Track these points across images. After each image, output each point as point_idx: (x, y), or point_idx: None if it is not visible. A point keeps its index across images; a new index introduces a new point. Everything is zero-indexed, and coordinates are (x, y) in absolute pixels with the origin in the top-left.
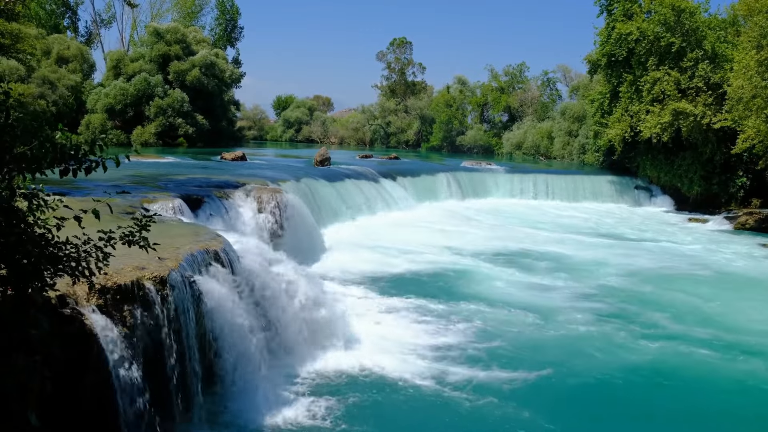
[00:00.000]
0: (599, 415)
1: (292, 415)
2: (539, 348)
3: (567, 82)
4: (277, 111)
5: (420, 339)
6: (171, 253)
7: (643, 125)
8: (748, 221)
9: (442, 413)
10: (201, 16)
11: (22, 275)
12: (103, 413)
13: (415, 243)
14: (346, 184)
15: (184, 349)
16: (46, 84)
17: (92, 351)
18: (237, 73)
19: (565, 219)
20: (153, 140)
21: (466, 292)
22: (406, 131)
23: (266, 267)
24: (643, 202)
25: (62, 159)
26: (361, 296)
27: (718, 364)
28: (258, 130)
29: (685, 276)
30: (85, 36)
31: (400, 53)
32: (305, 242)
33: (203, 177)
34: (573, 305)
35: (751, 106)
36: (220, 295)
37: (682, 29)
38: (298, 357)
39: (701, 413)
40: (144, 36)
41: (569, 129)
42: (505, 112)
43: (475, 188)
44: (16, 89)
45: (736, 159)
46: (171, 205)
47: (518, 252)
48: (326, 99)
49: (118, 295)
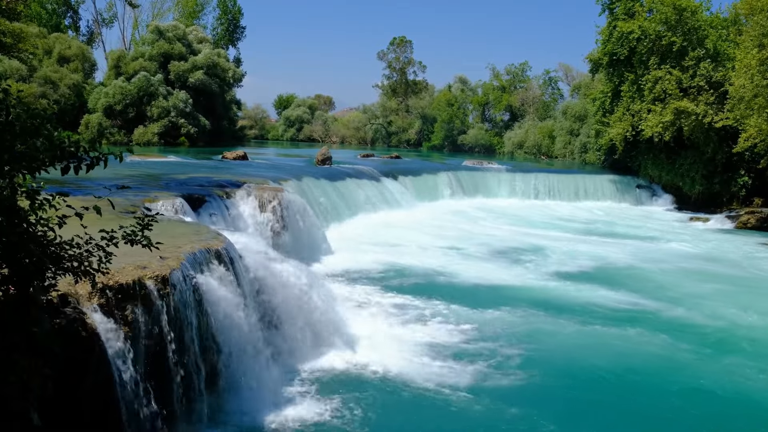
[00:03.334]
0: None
1: (294, 414)
2: (540, 346)
3: (568, 81)
4: (279, 110)
5: (422, 338)
6: (172, 252)
7: (645, 124)
8: (749, 220)
9: (443, 413)
10: (202, 15)
11: (23, 274)
12: (105, 412)
13: (417, 242)
14: (348, 184)
15: (186, 348)
16: (48, 83)
17: (94, 350)
18: (239, 72)
19: (567, 218)
20: (155, 140)
21: (469, 291)
22: (408, 130)
23: (268, 266)
24: (645, 201)
25: (63, 157)
26: (363, 295)
27: (718, 363)
28: (259, 129)
29: (685, 275)
30: (87, 35)
31: (400, 52)
32: (307, 241)
33: (205, 176)
34: (574, 305)
35: (753, 105)
36: (221, 295)
37: (684, 28)
38: (299, 356)
39: (701, 411)
40: (145, 35)
41: (571, 128)
42: (506, 112)
43: (476, 188)
44: (15, 87)
45: (737, 158)
46: (173, 204)
47: (518, 252)
48: (327, 98)
49: (119, 295)
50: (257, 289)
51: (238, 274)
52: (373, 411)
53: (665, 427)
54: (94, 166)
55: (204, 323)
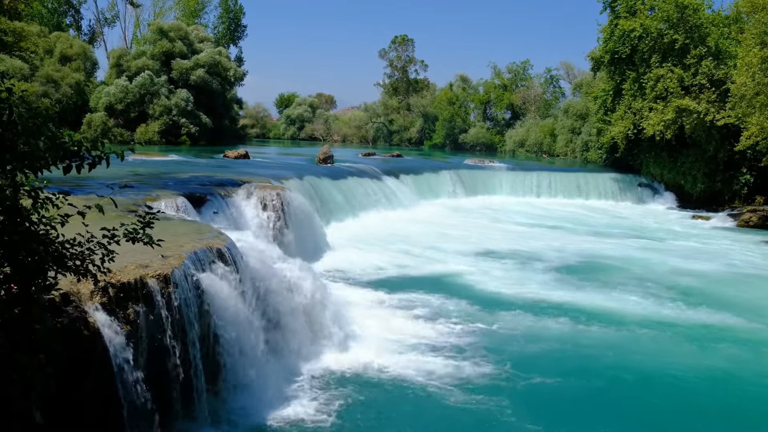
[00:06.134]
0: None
1: (295, 413)
2: (541, 345)
3: (570, 79)
4: (280, 109)
5: (424, 337)
6: (174, 251)
7: (647, 122)
8: (751, 218)
9: (443, 412)
10: (204, 14)
11: (25, 273)
12: (107, 411)
13: (418, 241)
14: (349, 182)
15: (188, 346)
16: (50, 83)
17: (96, 349)
18: (240, 71)
19: (568, 217)
20: (156, 139)
21: (471, 291)
22: (409, 129)
23: (269, 265)
24: (647, 199)
25: (65, 156)
26: (365, 293)
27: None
28: (261, 128)
29: (686, 275)
30: (89, 35)
31: (402, 51)
32: (308, 240)
33: (206, 175)
34: (575, 304)
35: (755, 103)
36: (223, 293)
37: (686, 26)
38: (301, 354)
39: (699, 409)
40: (147, 34)
41: (572, 126)
42: (507, 110)
43: (477, 186)
44: (19, 87)
45: (739, 156)
46: (174, 203)
47: (519, 252)
48: (329, 97)
49: (121, 293)
50: (258, 287)
51: (240, 272)
52: (373, 410)
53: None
54: (96, 165)
55: (205, 322)
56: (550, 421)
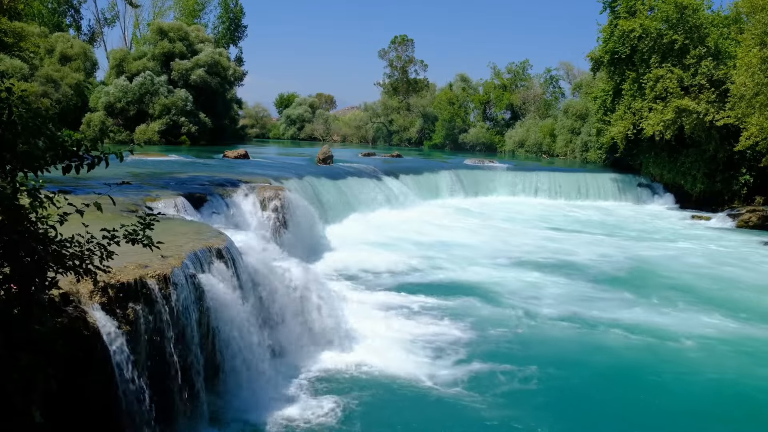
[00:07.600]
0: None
1: (295, 413)
2: (541, 345)
3: (570, 79)
4: (280, 109)
5: (423, 337)
6: (174, 251)
7: (646, 123)
8: (751, 219)
9: (444, 412)
10: (203, 14)
11: (25, 273)
12: (107, 411)
13: (418, 241)
14: (349, 182)
15: (187, 347)
16: (50, 82)
17: (95, 349)
18: (240, 71)
19: (569, 217)
20: (156, 138)
21: (471, 290)
22: (409, 129)
23: (269, 265)
24: (646, 199)
25: (64, 156)
26: (364, 293)
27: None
28: (260, 128)
29: (685, 274)
30: (88, 35)
31: (401, 51)
32: (308, 240)
33: (206, 175)
34: (575, 303)
35: (754, 104)
36: (222, 293)
37: (685, 26)
38: (300, 354)
39: (699, 408)
40: (147, 34)
41: (572, 127)
42: (507, 110)
43: (477, 186)
44: (19, 86)
45: (739, 156)
46: (174, 203)
47: (520, 252)
48: (329, 97)
49: (121, 293)
50: (258, 287)
51: (240, 272)
52: (373, 409)
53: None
54: (95, 165)
55: (205, 322)
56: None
